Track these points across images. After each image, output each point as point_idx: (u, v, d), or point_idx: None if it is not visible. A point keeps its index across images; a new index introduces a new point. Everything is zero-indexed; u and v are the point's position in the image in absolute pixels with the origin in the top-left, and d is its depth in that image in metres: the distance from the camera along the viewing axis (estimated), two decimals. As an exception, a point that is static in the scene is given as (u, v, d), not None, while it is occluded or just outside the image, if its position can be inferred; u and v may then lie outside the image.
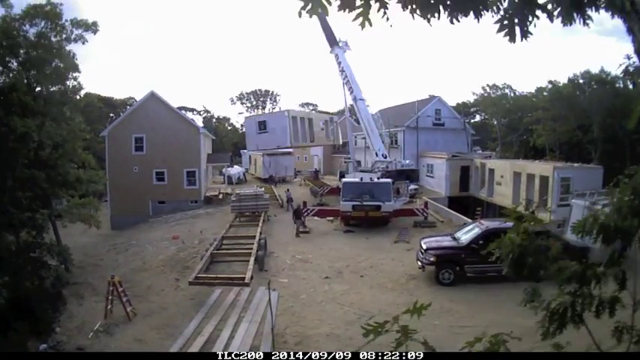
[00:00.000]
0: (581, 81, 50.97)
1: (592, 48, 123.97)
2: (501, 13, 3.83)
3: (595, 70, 51.70)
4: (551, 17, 3.82)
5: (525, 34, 3.89)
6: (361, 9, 3.57)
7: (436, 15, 3.74)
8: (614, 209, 3.98)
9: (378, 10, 3.62)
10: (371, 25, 3.68)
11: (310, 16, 3.58)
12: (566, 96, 50.48)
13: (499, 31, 3.86)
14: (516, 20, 3.83)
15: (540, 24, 3.87)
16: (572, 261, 4.16)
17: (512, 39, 3.86)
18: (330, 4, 3.51)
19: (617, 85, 48.02)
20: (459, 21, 3.82)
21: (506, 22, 3.83)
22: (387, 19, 3.67)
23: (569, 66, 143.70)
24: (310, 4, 3.47)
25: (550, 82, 57.12)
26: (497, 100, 66.60)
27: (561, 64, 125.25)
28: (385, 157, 36.01)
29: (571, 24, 3.83)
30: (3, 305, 18.14)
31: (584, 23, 3.84)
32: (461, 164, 41.59)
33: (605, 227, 3.96)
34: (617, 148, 45.00)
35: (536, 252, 4.30)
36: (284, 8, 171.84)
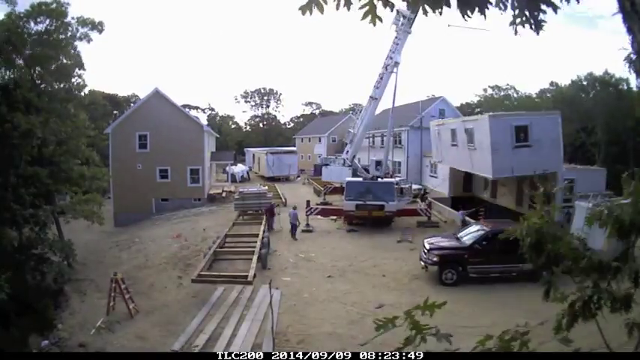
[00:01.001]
0: (584, 83, 50.90)
1: (595, 48, 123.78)
2: (509, 9, 3.83)
3: (598, 72, 51.69)
4: (555, 9, 3.82)
5: (538, 27, 3.89)
6: (368, 7, 3.55)
7: (441, 9, 3.73)
8: (630, 203, 3.96)
9: (385, 7, 3.60)
10: (382, 21, 3.66)
11: (303, 14, 3.56)
12: (570, 98, 50.42)
13: (512, 23, 3.86)
14: (527, 14, 3.83)
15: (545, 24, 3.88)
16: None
17: (537, 30, 3.86)
18: (326, 3, 3.49)
19: (621, 87, 47.95)
20: (470, 16, 3.81)
21: (518, 19, 3.83)
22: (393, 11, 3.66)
23: (573, 67, 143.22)
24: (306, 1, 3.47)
25: (553, 83, 57.15)
26: (500, 100, 66.57)
27: (565, 66, 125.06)
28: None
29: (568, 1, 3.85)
30: (5, 301, 18.18)
31: None
32: (464, 164, 41.52)
33: (621, 221, 3.94)
34: (620, 150, 44.96)
35: (554, 238, 4.28)
36: (289, 6, 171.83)
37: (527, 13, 3.81)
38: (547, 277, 4.27)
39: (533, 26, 3.87)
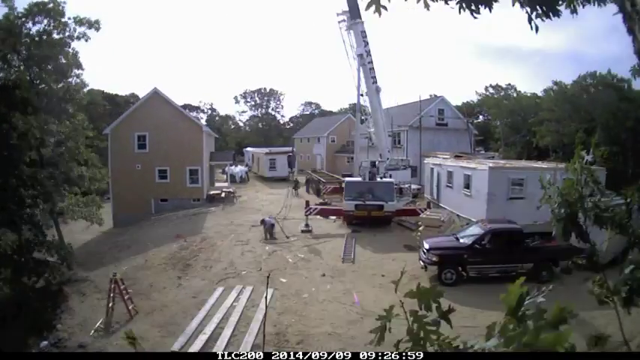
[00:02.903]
0: (586, 82, 50.91)
1: (597, 48, 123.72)
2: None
3: (600, 71, 51.71)
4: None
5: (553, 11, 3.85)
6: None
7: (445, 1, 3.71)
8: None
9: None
10: (387, 9, 3.64)
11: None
12: (571, 97, 50.47)
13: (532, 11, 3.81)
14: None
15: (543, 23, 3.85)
16: (579, 261, 4.13)
17: (552, 15, 3.82)
18: None
19: (622, 88, 47.92)
20: (478, 15, 3.78)
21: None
22: (386, 9, 3.62)
23: (574, 67, 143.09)
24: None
25: (555, 82, 57.18)
26: (499, 100, 66.58)
27: (566, 66, 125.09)
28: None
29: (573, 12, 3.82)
30: (4, 302, 18.13)
31: (588, 2, 3.84)
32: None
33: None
34: (619, 150, 44.99)
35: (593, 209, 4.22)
36: (289, 6, 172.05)
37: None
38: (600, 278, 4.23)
39: (548, 13, 3.84)
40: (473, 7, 3.77)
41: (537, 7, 3.81)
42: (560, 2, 3.81)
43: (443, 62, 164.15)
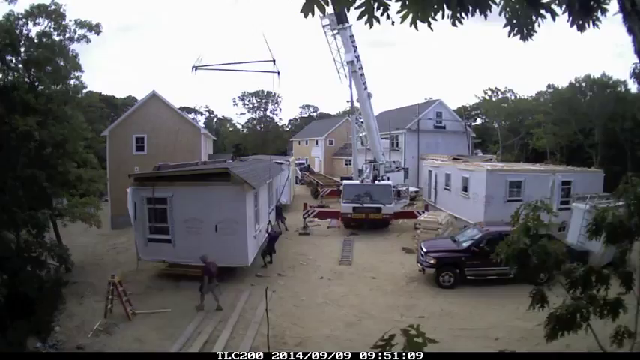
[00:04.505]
0: (582, 84, 51.05)
1: (593, 49, 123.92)
2: (507, 15, 3.85)
3: (596, 73, 51.88)
4: (554, 16, 3.84)
5: (529, 33, 3.92)
6: (364, 7, 3.56)
7: (437, 17, 3.74)
8: (624, 207, 4.02)
9: (377, 9, 3.61)
10: (379, 22, 3.67)
11: (305, 16, 3.57)
12: (567, 100, 50.60)
13: (510, 31, 3.89)
14: (519, 22, 3.86)
15: (542, 25, 3.92)
16: (572, 263, 4.18)
17: (524, 38, 3.89)
18: (327, 4, 3.50)
19: (619, 89, 48.00)
20: (461, 23, 3.82)
21: (514, 21, 3.85)
22: (388, 17, 3.65)
23: (570, 68, 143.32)
24: (306, 3, 3.47)
25: (550, 85, 57.36)
26: (497, 103, 66.73)
27: (562, 67, 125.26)
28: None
29: (583, 31, 3.87)
30: (2, 304, 18.07)
31: (594, 25, 3.88)
32: (461, 167, 41.51)
33: (613, 226, 3.99)
34: (617, 152, 45.09)
35: (540, 252, 4.32)
36: (287, 9, 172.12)
37: (520, 21, 3.86)
38: (537, 292, 4.31)
39: (522, 34, 3.91)
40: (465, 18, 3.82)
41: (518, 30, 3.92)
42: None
43: (441, 64, 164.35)
